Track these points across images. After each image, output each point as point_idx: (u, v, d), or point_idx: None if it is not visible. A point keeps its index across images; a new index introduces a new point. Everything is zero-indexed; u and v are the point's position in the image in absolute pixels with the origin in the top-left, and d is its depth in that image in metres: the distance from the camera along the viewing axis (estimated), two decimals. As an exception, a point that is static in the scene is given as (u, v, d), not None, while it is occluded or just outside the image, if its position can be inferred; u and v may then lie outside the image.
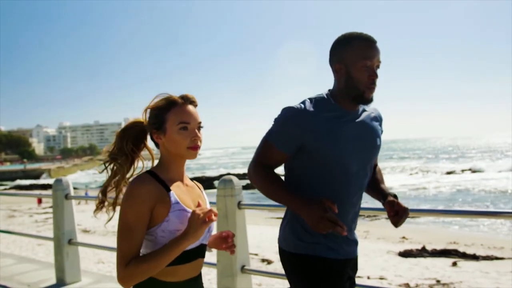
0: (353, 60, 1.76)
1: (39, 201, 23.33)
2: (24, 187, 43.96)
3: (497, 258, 9.66)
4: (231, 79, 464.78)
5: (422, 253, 10.06)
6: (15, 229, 13.32)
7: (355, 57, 1.76)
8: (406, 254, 10.02)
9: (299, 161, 1.83)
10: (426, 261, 9.44)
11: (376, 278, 7.66)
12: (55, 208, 4.58)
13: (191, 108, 1.60)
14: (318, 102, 1.82)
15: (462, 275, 8.20)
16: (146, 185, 1.51)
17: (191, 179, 1.74)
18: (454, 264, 9.14)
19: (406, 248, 10.51)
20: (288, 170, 1.90)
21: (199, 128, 1.61)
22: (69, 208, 4.59)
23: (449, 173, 41.48)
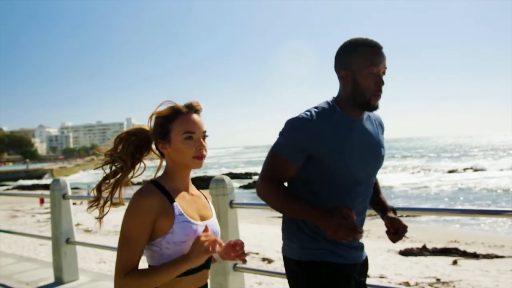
0: (359, 66, 1.74)
1: (42, 201, 23.38)
2: (26, 187, 44.01)
3: (497, 257, 9.67)
4: (231, 79, 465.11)
5: (422, 251, 10.08)
6: (17, 229, 13.38)
7: (361, 64, 1.74)
8: (406, 252, 10.03)
9: (305, 170, 1.80)
10: (427, 260, 9.45)
11: (376, 277, 7.68)
12: (52, 208, 4.63)
13: (196, 117, 1.59)
14: (324, 110, 1.79)
15: (462, 273, 8.21)
16: (149, 197, 1.50)
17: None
18: (455, 262, 9.15)
19: (406, 247, 10.51)
20: (292, 179, 1.86)
21: (204, 137, 1.59)
22: (66, 207, 4.64)
23: (451, 172, 41.35)
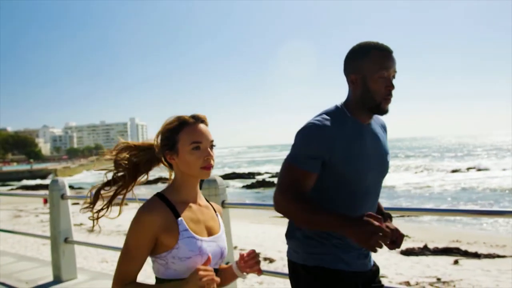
0: (370, 70, 1.73)
1: (45, 201, 23.45)
2: (30, 187, 44.13)
3: (499, 256, 9.65)
4: (231, 79, 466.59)
5: (424, 251, 10.07)
6: (20, 229, 13.49)
7: (372, 68, 1.72)
8: (408, 252, 10.03)
9: (318, 178, 1.77)
10: (428, 259, 9.45)
11: (377, 276, 7.69)
12: (51, 208, 4.70)
13: (202, 127, 1.57)
14: (336, 116, 1.77)
15: (463, 273, 8.21)
16: (152, 214, 1.49)
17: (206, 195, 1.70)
18: (456, 262, 9.14)
19: (408, 246, 10.52)
20: None
21: (212, 147, 1.58)
22: (65, 207, 4.70)
23: (454, 172, 41.26)
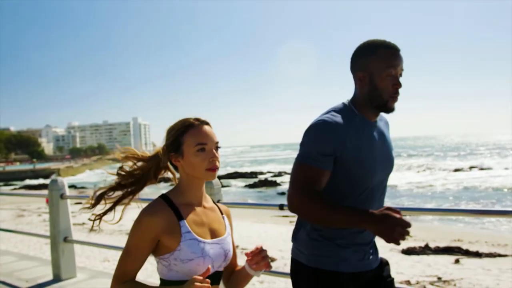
0: (377, 68, 1.73)
1: (48, 201, 23.55)
2: (33, 187, 44.28)
3: (500, 255, 9.66)
4: (231, 79, 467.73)
5: (425, 250, 10.09)
6: (23, 228, 13.57)
7: (379, 66, 1.72)
8: (409, 251, 10.05)
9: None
10: (429, 259, 9.47)
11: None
12: (51, 207, 4.76)
13: (207, 128, 1.58)
14: (344, 113, 1.77)
15: (463, 272, 8.23)
16: (154, 216, 1.50)
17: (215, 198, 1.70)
18: (457, 261, 9.17)
19: (409, 245, 10.53)
20: None
21: (217, 148, 1.58)
22: (64, 207, 4.76)
23: (456, 171, 41.21)
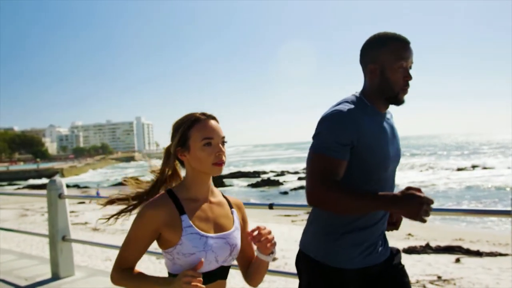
0: (389, 61, 1.73)
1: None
2: (36, 187, 44.41)
3: (500, 255, 9.69)
4: (231, 79, 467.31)
5: (426, 249, 10.13)
6: (26, 228, 13.63)
7: (391, 58, 1.73)
8: (410, 250, 10.09)
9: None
10: (430, 258, 9.50)
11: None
12: (49, 207, 4.78)
13: (213, 123, 1.57)
14: (357, 104, 1.76)
15: (464, 271, 8.25)
16: (155, 209, 1.51)
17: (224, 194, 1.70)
18: (457, 260, 9.19)
19: (410, 245, 10.56)
20: None
21: (223, 143, 1.56)
22: (62, 207, 4.79)
23: (459, 170, 41.20)
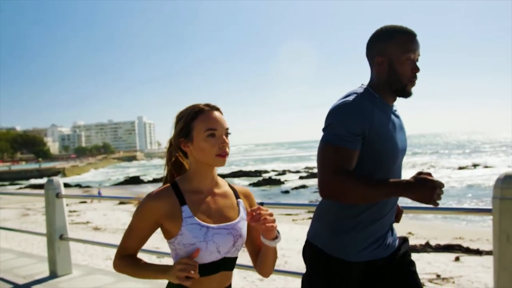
0: (396, 53, 1.74)
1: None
2: (38, 186, 44.47)
3: (500, 253, 9.69)
4: (231, 79, 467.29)
5: (425, 248, 10.11)
6: (28, 227, 13.68)
7: (398, 50, 1.74)
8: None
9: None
10: (429, 256, 9.48)
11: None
12: (47, 206, 4.86)
13: (217, 114, 1.56)
14: (366, 95, 1.77)
15: (463, 269, 8.25)
16: (156, 200, 1.52)
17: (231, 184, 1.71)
18: (457, 259, 9.19)
19: (410, 243, 10.52)
20: None
21: (227, 135, 1.56)
22: (60, 206, 4.86)
23: (460, 169, 41.12)
